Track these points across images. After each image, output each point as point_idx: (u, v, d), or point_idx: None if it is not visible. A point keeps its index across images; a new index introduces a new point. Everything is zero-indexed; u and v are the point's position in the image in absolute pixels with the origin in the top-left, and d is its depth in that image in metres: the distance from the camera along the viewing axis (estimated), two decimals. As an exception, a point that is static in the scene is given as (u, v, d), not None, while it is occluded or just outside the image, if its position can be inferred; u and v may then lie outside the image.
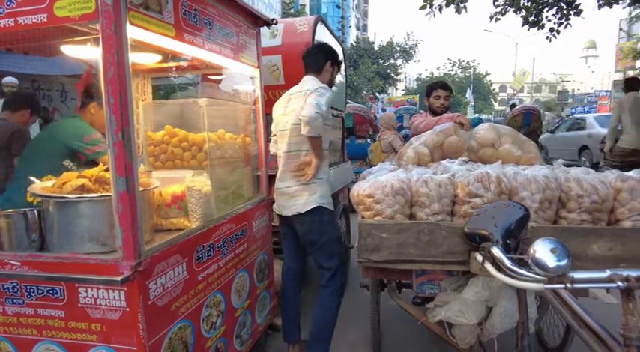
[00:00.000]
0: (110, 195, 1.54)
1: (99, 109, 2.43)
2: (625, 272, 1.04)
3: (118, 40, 1.44)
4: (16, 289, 1.63)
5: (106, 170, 1.75)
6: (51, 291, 1.60)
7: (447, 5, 6.78)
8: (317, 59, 2.65)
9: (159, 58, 2.47)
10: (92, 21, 1.46)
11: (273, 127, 2.69)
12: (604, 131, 8.21)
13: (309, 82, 2.56)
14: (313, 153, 2.41)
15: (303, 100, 2.40)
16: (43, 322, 1.64)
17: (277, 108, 2.65)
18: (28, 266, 1.60)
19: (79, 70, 2.64)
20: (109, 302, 1.56)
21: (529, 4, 7.55)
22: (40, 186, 1.82)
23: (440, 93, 3.54)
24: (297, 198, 2.48)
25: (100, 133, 2.42)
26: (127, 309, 1.54)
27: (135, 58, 2.26)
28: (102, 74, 1.45)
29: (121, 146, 1.47)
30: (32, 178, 1.97)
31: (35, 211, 1.74)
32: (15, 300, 1.65)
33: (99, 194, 1.69)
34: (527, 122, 7.65)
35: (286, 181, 2.52)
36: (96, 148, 2.37)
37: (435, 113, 3.53)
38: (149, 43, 1.75)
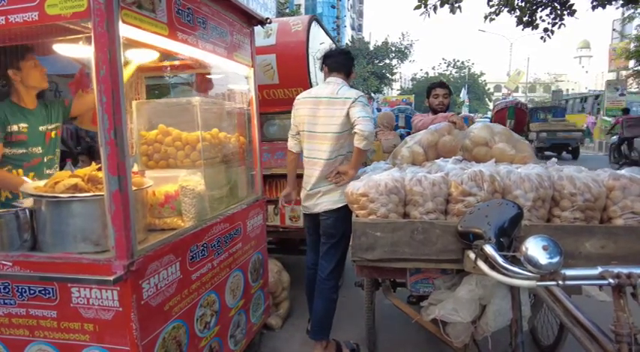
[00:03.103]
0: (103, 195, 1.53)
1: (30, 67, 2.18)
2: (616, 269, 1.05)
3: (111, 39, 1.43)
4: (7, 289, 1.62)
5: (99, 169, 1.74)
6: (43, 291, 1.59)
7: (442, 5, 6.79)
8: (348, 61, 2.64)
9: (152, 56, 2.46)
10: (84, 19, 1.45)
11: (295, 125, 2.67)
12: None
13: (343, 87, 2.53)
14: (354, 165, 2.48)
15: (343, 109, 2.43)
16: (35, 322, 1.63)
17: (302, 108, 2.62)
18: (20, 266, 1.59)
19: (73, 69, 2.62)
20: (101, 302, 1.55)
21: (523, 4, 7.58)
22: (32, 185, 1.81)
23: (438, 92, 3.61)
24: (330, 194, 2.55)
25: None
26: (120, 309, 1.53)
27: (128, 56, 2.26)
28: (94, 73, 1.44)
29: (114, 145, 1.46)
30: (24, 178, 1.96)
31: (27, 210, 1.73)
32: (6, 301, 1.63)
33: (91, 193, 1.68)
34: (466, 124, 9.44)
35: (320, 184, 2.56)
36: None
37: (435, 112, 3.58)
38: (142, 42, 1.74)
